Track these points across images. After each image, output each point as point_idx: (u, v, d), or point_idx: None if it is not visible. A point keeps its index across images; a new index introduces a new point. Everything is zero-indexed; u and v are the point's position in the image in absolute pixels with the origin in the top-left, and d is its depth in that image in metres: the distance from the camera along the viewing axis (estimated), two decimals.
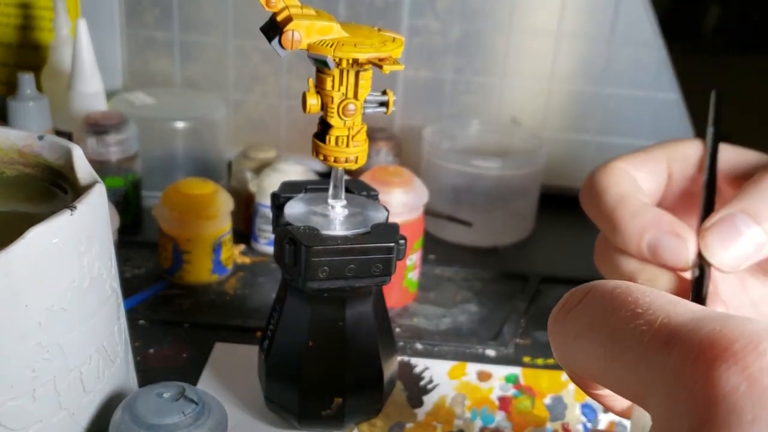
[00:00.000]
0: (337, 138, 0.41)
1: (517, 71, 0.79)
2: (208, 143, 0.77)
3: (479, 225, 0.71)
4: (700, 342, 0.22)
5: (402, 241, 0.42)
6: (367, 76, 0.40)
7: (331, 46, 0.38)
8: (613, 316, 0.25)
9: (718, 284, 0.48)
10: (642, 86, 0.78)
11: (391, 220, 0.44)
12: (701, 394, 0.22)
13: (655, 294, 0.25)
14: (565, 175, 0.77)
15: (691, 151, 0.51)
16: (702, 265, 0.45)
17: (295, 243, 0.40)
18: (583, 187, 0.51)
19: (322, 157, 0.42)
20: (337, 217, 0.43)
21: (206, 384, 0.50)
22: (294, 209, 0.43)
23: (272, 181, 0.63)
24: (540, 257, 0.70)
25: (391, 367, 0.46)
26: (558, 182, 0.77)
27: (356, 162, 0.42)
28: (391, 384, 0.47)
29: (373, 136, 0.75)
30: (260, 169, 0.68)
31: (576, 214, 0.62)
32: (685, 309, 0.24)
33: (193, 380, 0.50)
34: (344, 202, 0.43)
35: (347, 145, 0.41)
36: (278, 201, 0.45)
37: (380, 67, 0.38)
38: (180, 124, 0.74)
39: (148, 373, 0.51)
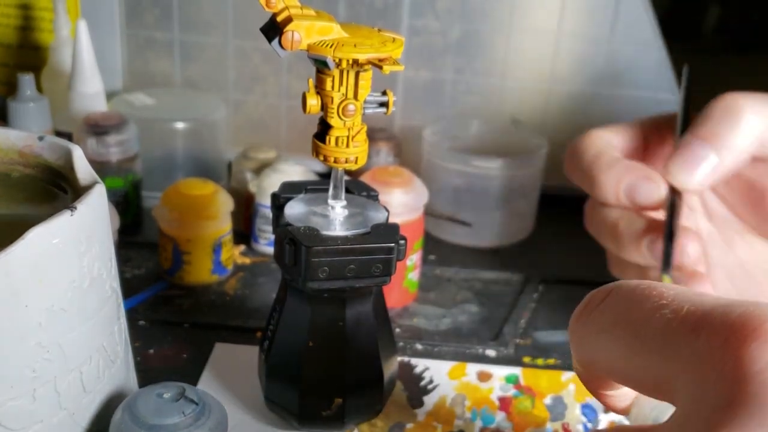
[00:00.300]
0: (337, 138, 0.41)
1: (517, 71, 0.79)
2: (208, 144, 0.77)
3: (479, 225, 0.71)
4: (732, 323, 0.23)
5: (402, 242, 0.42)
6: (367, 77, 0.40)
7: (331, 46, 0.38)
8: (637, 309, 0.26)
9: (707, 247, 0.54)
10: (642, 86, 0.78)
11: (391, 220, 0.44)
12: (731, 374, 0.22)
13: (678, 288, 0.26)
14: (565, 175, 0.77)
15: (666, 118, 0.56)
16: (674, 199, 0.51)
17: (295, 243, 0.40)
18: (566, 156, 0.56)
19: (322, 158, 0.42)
20: (337, 218, 0.43)
21: (206, 384, 0.50)
22: (294, 210, 0.43)
23: (272, 182, 0.63)
24: (540, 257, 0.70)
25: (391, 368, 0.46)
26: (558, 182, 0.77)
27: (356, 162, 0.42)
28: (392, 384, 0.47)
29: (373, 136, 0.75)
30: (260, 169, 0.68)
31: (576, 215, 0.62)
32: (712, 298, 0.25)
33: (194, 380, 0.50)
34: (344, 203, 0.43)
35: (347, 146, 0.41)
36: (278, 201, 0.45)
37: (380, 67, 0.38)
38: (180, 125, 0.74)
39: (148, 373, 0.51)
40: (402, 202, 0.57)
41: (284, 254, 0.41)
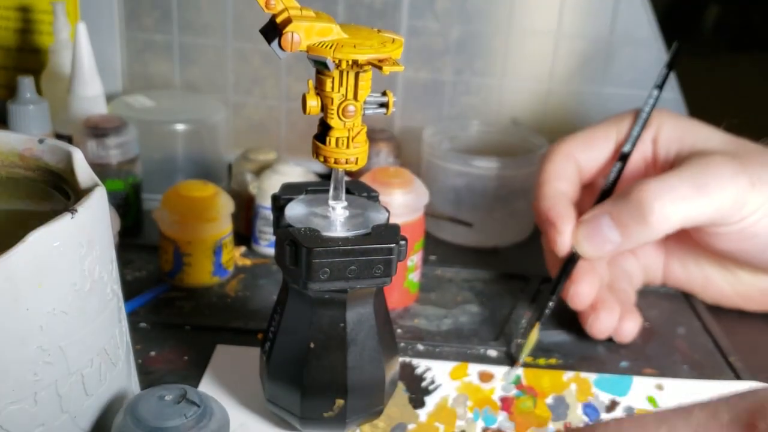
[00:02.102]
0: (337, 139, 0.41)
1: (516, 72, 0.79)
2: (208, 146, 0.77)
3: (480, 225, 0.71)
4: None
5: (403, 242, 0.42)
6: (366, 77, 0.40)
7: (331, 47, 0.38)
8: None
9: (668, 236, 0.58)
10: (641, 86, 0.78)
11: (392, 221, 0.44)
12: None
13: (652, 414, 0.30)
14: None
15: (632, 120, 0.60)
16: (573, 257, 0.56)
17: (296, 245, 0.40)
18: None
19: (322, 159, 0.42)
20: (337, 219, 0.43)
21: (208, 386, 0.50)
22: (294, 211, 0.43)
23: (272, 183, 0.63)
24: (541, 257, 0.70)
25: (392, 368, 0.46)
26: None
27: (356, 163, 0.42)
28: (393, 385, 0.47)
29: (373, 137, 0.75)
30: (260, 171, 0.68)
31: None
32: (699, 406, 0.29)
33: (195, 383, 0.50)
34: (345, 204, 0.43)
35: (347, 147, 0.41)
36: (279, 203, 0.45)
37: (380, 68, 0.38)
38: (180, 127, 0.74)
39: (149, 375, 0.51)
40: (402, 203, 0.57)
41: (285, 256, 0.41)
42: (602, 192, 0.59)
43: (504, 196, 0.70)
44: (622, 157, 0.59)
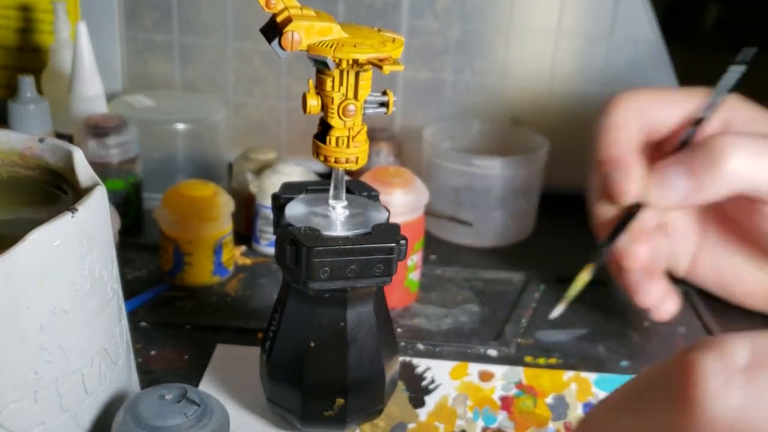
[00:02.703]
0: (337, 139, 0.41)
1: (517, 71, 0.79)
2: (209, 145, 0.77)
3: (480, 225, 0.71)
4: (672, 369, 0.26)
5: (403, 242, 0.42)
6: (367, 77, 0.40)
7: (331, 46, 0.38)
8: None
9: (706, 227, 0.60)
10: (642, 85, 0.77)
11: (392, 220, 0.44)
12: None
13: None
14: (565, 174, 0.77)
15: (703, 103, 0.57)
16: (636, 207, 0.54)
17: (296, 244, 0.40)
18: (603, 106, 0.59)
19: (322, 158, 0.42)
20: (338, 218, 0.43)
21: (208, 385, 0.50)
22: (295, 210, 0.43)
23: (273, 183, 0.63)
24: (541, 257, 0.70)
25: (392, 368, 0.46)
26: (559, 182, 0.77)
27: (357, 162, 0.42)
28: (393, 384, 0.47)
29: (373, 136, 0.75)
30: (261, 170, 0.68)
31: (577, 214, 0.62)
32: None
33: (195, 382, 0.50)
34: (345, 203, 0.43)
35: (348, 146, 0.41)
36: (279, 202, 0.45)
37: (380, 67, 0.38)
38: (180, 126, 0.74)
39: (149, 375, 0.51)
40: (403, 202, 0.57)
41: (285, 255, 0.41)
42: (671, 152, 0.56)
43: (504, 195, 0.70)
44: (697, 122, 0.56)
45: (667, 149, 0.58)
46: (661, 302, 0.56)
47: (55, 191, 0.40)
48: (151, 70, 0.82)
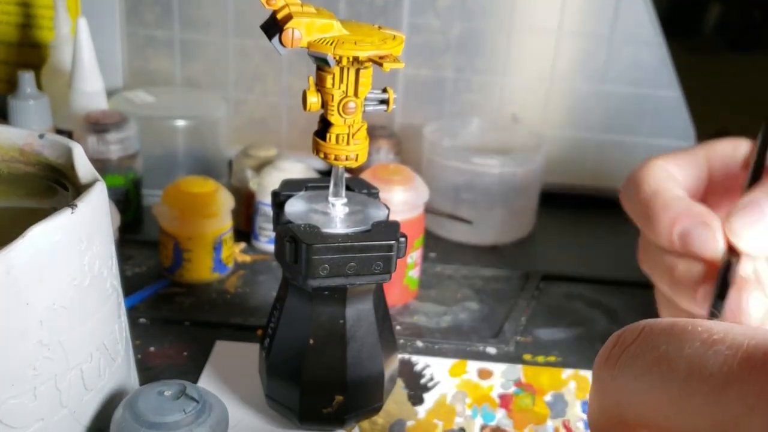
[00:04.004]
0: (337, 136, 0.41)
1: (517, 69, 0.79)
2: (209, 142, 0.77)
3: (480, 223, 0.71)
4: None
5: (402, 239, 0.42)
6: (367, 74, 0.40)
7: (332, 43, 0.38)
8: (683, 348, 0.23)
9: (762, 276, 0.48)
10: (642, 84, 0.78)
11: (392, 218, 0.44)
12: None
13: (725, 324, 0.24)
14: (565, 172, 0.77)
15: (732, 148, 0.52)
16: (731, 256, 0.46)
17: (295, 241, 0.40)
18: (623, 185, 0.52)
19: (322, 155, 0.42)
20: (337, 215, 0.43)
21: (207, 382, 0.50)
22: (294, 207, 0.43)
23: (273, 180, 0.63)
24: (540, 255, 0.70)
25: (391, 365, 0.46)
26: (558, 180, 0.77)
27: (356, 160, 0.42)
28: (392, 382, 0.47)
29: (373, 134, 0.75)
30: (261, 167, 0.68)
31: (576, 212, 0.62)
32: None
33: (194, 378, 0.50)
34: (345, 200, 0.43)
35: (347, 143, 0.41)
36: (278, 199, 0.45)
37: (380, 64, 0.38)
38: (180, 123, 0.74)
39: (149, 371, 0.51)
40: (402, 200, 0.57)
41: (285, 252, 0.41)
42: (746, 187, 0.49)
43: (504, 193, 0.70)
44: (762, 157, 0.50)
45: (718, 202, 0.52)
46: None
47: (54, 187, 0.40)
48: (151, 66, 0.82)
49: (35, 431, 0.35)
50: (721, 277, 0.46)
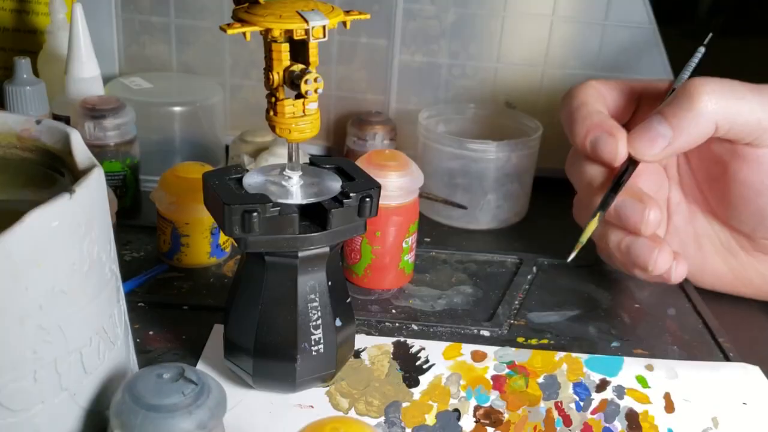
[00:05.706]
0: (288, 110, 0.43)
1: (512, 55, 0.79)
2: (206, 127, 0.77)
3: (474, 208, 0.72)
4: None
5: (336, 210, 0.43)
6: (278, 48, 0.43)
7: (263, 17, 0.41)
8: None
9: (672, 216, 0.62)
10: (636, 70, 0.78)
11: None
12: None
13: None
14: (559, 158, 0.77)
15: (667, 87, 0.61)
16: (629, 163, 0.56)
17: (222, 203, 0.42)
18: (561, 98, 0.62)
19: (278, 130, 0.44)
20: (293, 187, 0.44)
21: (205, 365, 0.51)
22: (252, 179, 0.45)
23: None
24: (534, 239, 0.71)
25: (346, 332, 0.47)
26: (552, 165, 0.78)
27: (309, 133, 0.44)
28: (349, 349, 0.49)
29: (368, 120, 0.75)
30: (257, 152, 0.68)
31: (570, 197, 0.62)
32: None
33: (193, 361, 0.51)
34: (300, 173, 0.45)
35: (299, 117, 0.43)
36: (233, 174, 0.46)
37: (345, 24, 0.40)
38: (177, 109, 0.75)
39: (148, 354, 0.51)
40: (398, 185, 0.58)
41: (224, 221, 0.42)
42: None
43: (499, 179, 0.71)
44: (673, 90, 0.58)
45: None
46: (673, 266, 0.57)
47: (52, 173, 0.40)
48: (148, 52, 0.82)
49: (35, 413, 0.35)
50: (618, 176, 0.56)
